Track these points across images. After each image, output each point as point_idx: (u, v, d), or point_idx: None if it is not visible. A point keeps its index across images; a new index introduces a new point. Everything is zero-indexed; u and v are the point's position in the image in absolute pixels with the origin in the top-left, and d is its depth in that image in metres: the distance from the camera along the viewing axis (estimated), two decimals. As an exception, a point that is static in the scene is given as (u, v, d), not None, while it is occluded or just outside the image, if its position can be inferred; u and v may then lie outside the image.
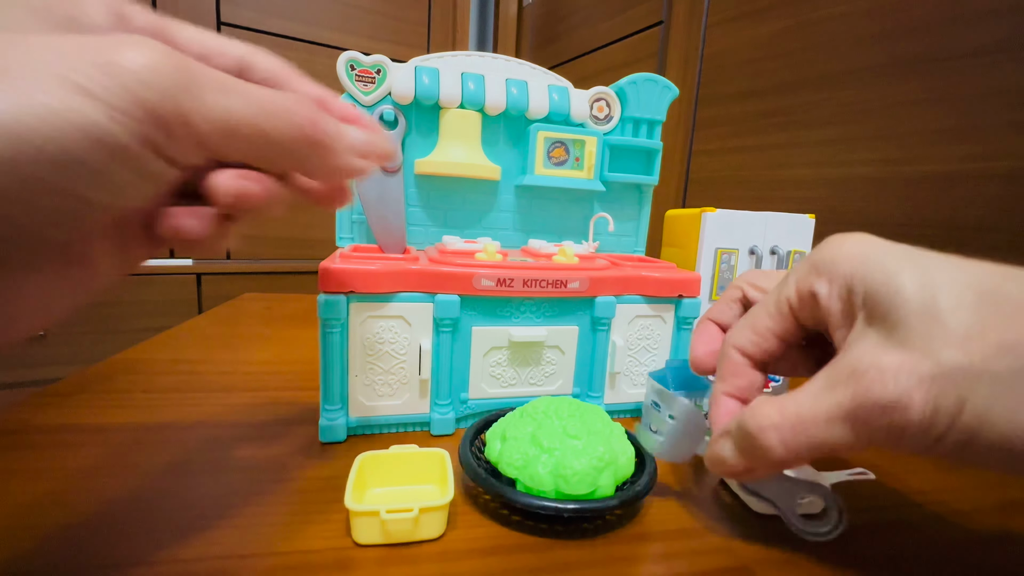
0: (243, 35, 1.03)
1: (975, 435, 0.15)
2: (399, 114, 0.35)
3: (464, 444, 0.26)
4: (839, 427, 0.17)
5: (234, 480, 0.25)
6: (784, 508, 0.23)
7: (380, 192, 0.36)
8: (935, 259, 0.17)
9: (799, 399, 0.18)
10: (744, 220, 0.38)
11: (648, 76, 0.39)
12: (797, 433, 0.18)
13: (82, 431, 0.29)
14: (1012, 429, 0.15)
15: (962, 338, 0.15)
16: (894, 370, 0.16)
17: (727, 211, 0.38)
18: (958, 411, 0.15)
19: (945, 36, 0.59)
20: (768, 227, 0.39)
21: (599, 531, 0.23)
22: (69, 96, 0.10)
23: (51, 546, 0.20)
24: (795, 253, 0.40)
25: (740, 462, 0.20)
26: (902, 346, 0.16)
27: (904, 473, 0.30)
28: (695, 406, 0.25)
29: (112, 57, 0.11)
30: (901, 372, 0.16)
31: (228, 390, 0.37)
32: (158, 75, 0.11)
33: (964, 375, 0.15)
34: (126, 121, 0.11)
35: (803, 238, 0.40)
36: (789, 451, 0.18)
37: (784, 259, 0.39)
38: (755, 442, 0.19)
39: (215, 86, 0.13)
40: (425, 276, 0.30)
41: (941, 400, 0.15)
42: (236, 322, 0.57)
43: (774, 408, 0.18)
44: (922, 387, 0.15)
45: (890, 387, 0.16)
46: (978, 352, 0.15)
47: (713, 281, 0.39)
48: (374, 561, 0.20)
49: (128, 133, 0.11)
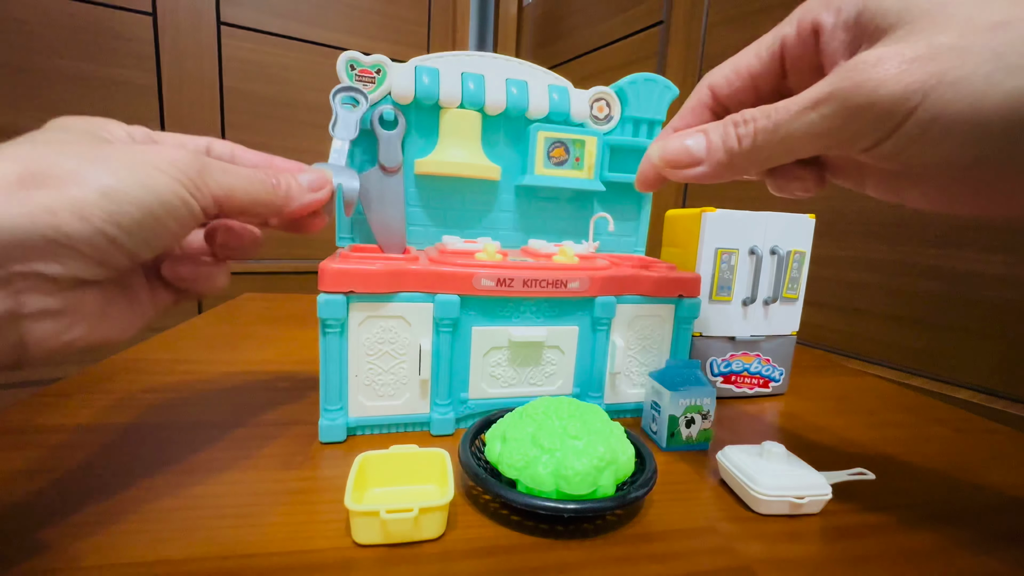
0: (243, 35, 1.03)
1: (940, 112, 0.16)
2: (399, 114, 0.35)
3: (464, 444, 0.26)
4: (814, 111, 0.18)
5: (234, 480, 0.25)
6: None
7: (380, 192, 0.36)
8: None
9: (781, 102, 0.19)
10: (744, 220, 0.38)
11: (648, 76, 0.39)
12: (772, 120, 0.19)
13: (82, 431, 0.29)
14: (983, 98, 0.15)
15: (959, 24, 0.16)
16: (880, 57, 0.16)
17: (727, 211, 0.38)
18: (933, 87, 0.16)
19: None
20: (768, 227, 0.39)
21: (599, 531, 0.23)
22: (158, 174, 0.19)
23: (51, 546, 0.20)
24: (795, 253, 0.40)
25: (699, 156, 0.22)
26: (899, 41, 0.17)
27: (904, 473, 0.30)
28: None
29: (167, 155, 0.20)
30: (886, 58, 0.16)
31: (228, 390, 0.37)
32: (191, 164, 0.20)
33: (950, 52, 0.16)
34: (183, 186, 0.20)
35: (803, 238, 0.40)
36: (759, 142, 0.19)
37: (784, 259, 0.39)
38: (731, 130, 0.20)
39: (219, 168, 0.21)
40: (425, 276, 0.30)
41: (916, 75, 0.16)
42: (236, 322, 0.57)
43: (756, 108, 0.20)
44: (902, 67, 0.16)
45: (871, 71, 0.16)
46: (969, 32, 0.16)
47: (713, 281, 0.39)
48: (374, 561, 0.20)
49: (185, 191, 0.20)
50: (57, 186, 0.16)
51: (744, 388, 0.41)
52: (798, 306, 0.41)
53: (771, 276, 0.40)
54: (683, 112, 0.24)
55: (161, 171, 0.19)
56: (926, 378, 0.61)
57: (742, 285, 0.40)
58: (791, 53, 0.21)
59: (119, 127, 0.23)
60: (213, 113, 1.03)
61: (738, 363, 0.41)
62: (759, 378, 0.41)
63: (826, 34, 0.19)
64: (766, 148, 0.20)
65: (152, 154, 0.19)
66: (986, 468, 0.32)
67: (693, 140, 0.22)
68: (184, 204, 0.20)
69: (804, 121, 0.18)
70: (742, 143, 0.20)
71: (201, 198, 0.20)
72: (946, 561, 0.22)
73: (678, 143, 0.22)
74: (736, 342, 0.40)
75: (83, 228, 0.17)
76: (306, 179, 0.26)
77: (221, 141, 0.26)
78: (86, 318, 0.19)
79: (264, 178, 0.23)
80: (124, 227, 0.18)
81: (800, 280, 0.41)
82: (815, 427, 0.37)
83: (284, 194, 0.24)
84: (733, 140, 0.21)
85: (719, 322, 0.40)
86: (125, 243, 0.18)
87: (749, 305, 0.40)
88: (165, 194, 0.19)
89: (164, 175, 0.19)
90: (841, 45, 0.19)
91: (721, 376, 0.41)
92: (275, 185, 0.24)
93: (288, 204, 0.25)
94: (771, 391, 0.42)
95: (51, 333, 0.18)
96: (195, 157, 0.20)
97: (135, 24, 0.95)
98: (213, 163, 0.21)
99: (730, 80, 0.23)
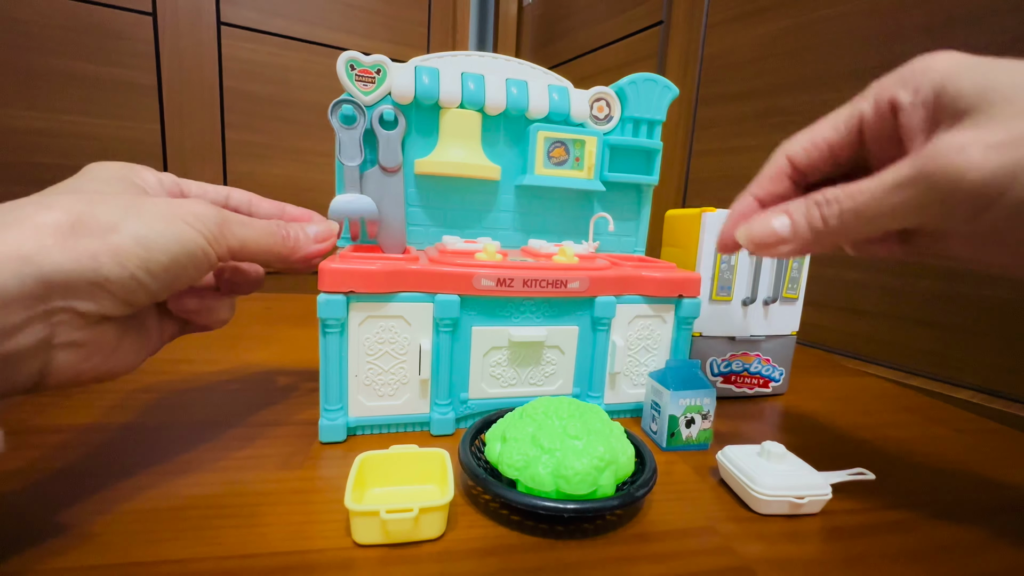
0: (243, 35, 1.03)
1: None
2: (399, 114, 0.35)
3: (464, 444, 0.26)
4: (899, 193, 0.18)
5: (234, 480, 0.25)
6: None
7: (380, 192, 0.36)
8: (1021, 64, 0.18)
9: (863, 181, 0.20)
10: None
11: (648, 76, 0.39)
12: (857, 202, 0.19)
13: (82, 431, 0.29)
14: None
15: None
16: (963, 142, 0.17)
17: (727, 211, 0.38)
18: (1021, 171, 0.16)
19: (945, 36, 0.59)
20: None
21: (599, 531, 0.23)
22: (184, 226, 0.21)
23: (51, 546, 0.20)
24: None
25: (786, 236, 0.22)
26: (979, 127, 0.17)
27: (904, 473, 0.30)
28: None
29: (193, 209, 0.22)
30: (969, 143, 0.17)
31: (228, 390, 0.37)
32: (213, 218, 0.22)
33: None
34: (204, 238, 0.22)
35: None
36: (846, 221, 0.20)
37: (784, 260, 0.39)
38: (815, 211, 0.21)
39: (237, 221, 0.24)
40: (425, 276, 0.30)
41: (1005, 161, 0.16)
42: (236, 322, 0.57)
43: (837, 187, 0.20)
44: (988, 152, 0.16)
45: (954, 155, 0.17)
46: None
47: (713, 281, 0.39)
48: (374, 561, 0.20)
49: (206, 242, 0.22)
50: (100, 235, 0.19)
51: (744, 388, 0.41)
52: (798, 306, 0.41)
53: (771, 276, 0.40)
54: (761, 179, 0.25)
55: (188, 224, 0.21)
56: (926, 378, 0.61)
57: (742, 285, 0.39)
58: (869, 126, 0.21)
59: (151, 174, 0.25)
60: (213, 113, 1.03)
61: (738, 363, 0.41)
62: (759, 378, 0.41)
63: (904, 112, 0.20)
64: (852, 227, 0.20)
65: (181, 207, 0.22)
66: (986, 468, 0.32)
67: (778, 222, 0.22)
68: (204, 254, 0.22)
69: (889, 202, 0.19)
70: (828, 224, 0.21)
71: (219, 248, 0.23)
72: (946, 561, 0.22)
73: (765, 225, 0.23)
74: (736, 342, 0.40)
75: (120, 272, 0.19)
76: (313, 231, 0.28)
77: (239, 191, 0.29)
78: (102, 350, 0.21)
79: (276, 230, 0.26)
80: (153, 272, 0.20)
81: (800, 280, 0.41)
82: (815, 427, 0.37)
83: (292, 245, 0.27)
84: (818, 221, 0.21)
85: (719, 322, 0.40)
86: (151, 286, 0.20)
87: (749, 305, 0.40)
88: (190, 244, 0.21)
89: (190, 228, 0.21)
90: (921, 122, 0.19)
91: (721, 376, 0.41)
92: (285, 237, 0.26)
93: (294, 254, 0.27)
94: (771, 391, 0.42)
95: (71, 363, 0.20)
96: (217, 212, 0.23)
97: (135, 24, 0.94)
98: (232, 217, 0.23)
99: (808, 151, 0.23)
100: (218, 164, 1.05)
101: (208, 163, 1.04)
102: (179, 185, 0.27)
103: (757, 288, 0.39)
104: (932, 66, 0.19)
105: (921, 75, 0.19)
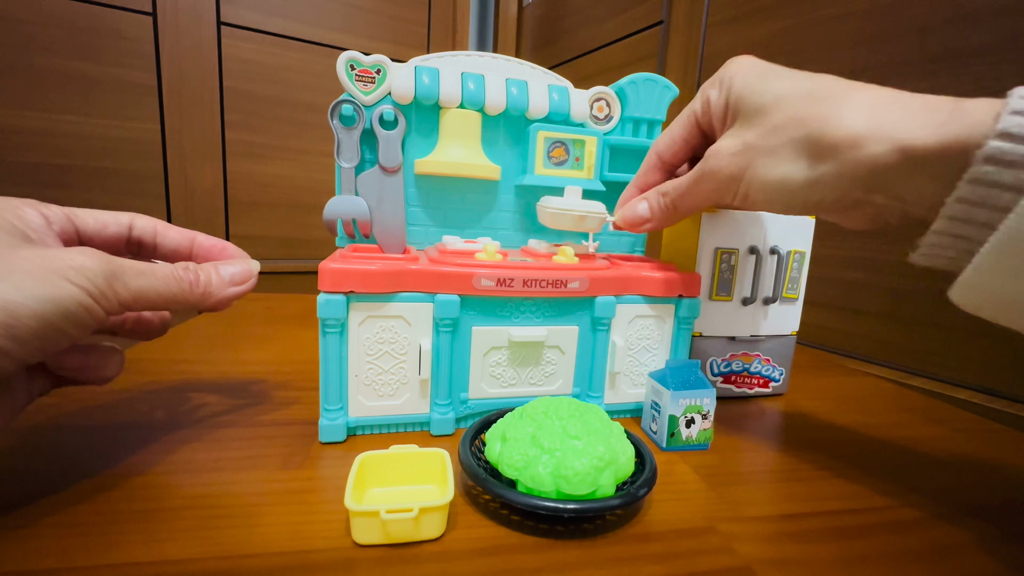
0: (243, 35, 1.03)
1: (750, 185, 0.25)
2: (399, 114, 0.35)
3: (464, 444, 0.26)
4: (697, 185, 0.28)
5: (234, 480, 0.25)
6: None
7: (380, 192, 0.36)
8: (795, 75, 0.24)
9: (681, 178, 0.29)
10: (744, 220, 0.38)
11: (648, 76, 0.39)
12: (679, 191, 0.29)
13: (82, 431, 0.29)
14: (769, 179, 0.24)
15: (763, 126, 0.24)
16: (718, 149, 0.26)
17: (727, 211, 0.38)
18: (745, 170, 0.25)
19: (945, 36, 0.59)
20: (768, 227, 0.39)
21: (599, 531, 0.23)
22: (61, 284, 0.19)
23: (51, 546, 0.20)
24: (795, 253, 0.40)
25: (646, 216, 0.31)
26: (733, 135, 0.25)
27: (904, 473, 0.30)
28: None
29: (73, 262, 0.19)
30: (721, 150, 0.26)
31: (228, 390, 0.37)
32: (99, 270, 0.20)
33: (751, 149, 0.24)
34: (88, 294, 0.19)
35: (803, 238, 0.40)
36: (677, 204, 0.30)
37: (785, 259, 0.39)
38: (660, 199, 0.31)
39: (132, 271, 0.21)
40: (425, 276, 0.30)
41: (738, 164, 0.25)
42: (236, 322, 0.57)
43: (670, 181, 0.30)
44: (729, 158, 0.25)
45: (713, 160, 0.26)
46: (762, 134, 0.24)
47: (713, 281, 0.39)
48: (374, 561, 0.20)
49: (89, 299, 0.19)
50: None
51: (744, 388, 0.41)
52: (798, 306, 0.41)
53: (771, 276, 0.40)
54: (640, 172, 0.33)
55: (67, 279, 0.19)
56: (926, 378, 0.61)
57: (742, 285, 0.39)
58: (700, 119, 0.29)
59: (35, 212, 0.22)
60: (213, 113, 1.03)
61: (738, 363, 0.41)
62: (759, 378, 0.41)
63: (713, 104, 0.27)
64: (682, 208, 0.30)
65: (59, 260, 0.19)
66: (986, 468, 0.32)
67: (641, 207, 0.32)
68: (87, 311, 0.19)
69: (693, 191, 0.28)
70: (667, 207, 0.30)
71: (107, 304, 0.20)
72: (946, 561, 0.22)
73: (632, 209, 0.32)
74: (736, 342, 0.40)
75: None
76: (228, 272, 0.25)
77: (144, 218, 0.26)
78: None
79: (182, 276, 0.23)
80: (20, 339, 0.18)
81: (800, 280, 0.41)
82: (815, 427, 0.37)
83: (202, 292, 0.24)
84: (662, 205, 0.31)
85: (719, 322, 0.40)
86: (17, 354, 0.18)
87: (749, 305, 0.40)
88: (67, 303, 0.19)
89: (69, 284, 0.19)
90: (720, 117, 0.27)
91: (721, 376, 0.40)
92: (193, 283, 0.24)
93: (205, 301, 0.24)
94: (771, 391, 0.42)
95: None
96: (105, 263, 0.20)
97: (135, 24, 0.95)
98: (125, 266, 0.21)
99: (668, 146, 0.31)
100: (218, 164, 1.05)
101: (208, 163, 1.04)
102: (71, 219, 0.23)
103: (757, 288, 0.39)
104: (732, 69, 0.26)
105: (723, 78, 0.26)
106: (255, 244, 1.10)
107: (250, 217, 1.09)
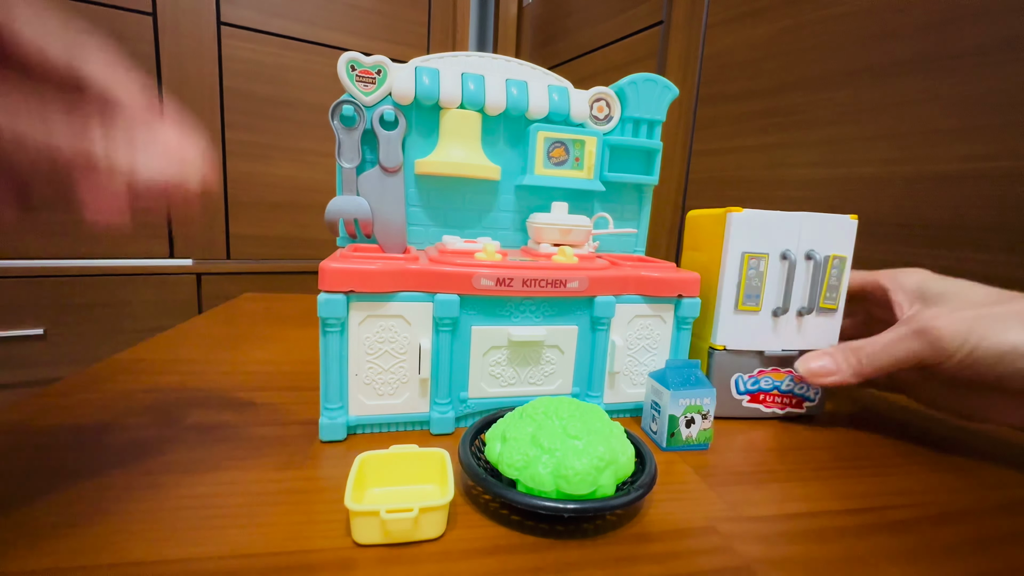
0: (243, 35, 1.03)
1: (975, 348, 0.29)
2: (399, 114, 0.35)
3: (464, 444, 0.26)
4: (901, 343, 0.31)
5: (234, 480, 0.25)
6: None
7: (380, 192, 0.36)
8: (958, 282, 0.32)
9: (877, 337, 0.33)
10: (775, 221, 0.34)
11: (648, 76, 0.39)
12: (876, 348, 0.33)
13: (82, 431, 0.29)
14: (996, 343, 0.28)
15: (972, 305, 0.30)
16: (937, 313, 0.31)
17: (755, 211, 0.34)
18: (968, 335, 0.29)
19: (945, 36, 0.59)
20: (803, 229, 0.34)
21: (599, 531, 0.23)
22: None
23: (50, 546, 0.20)
24: (834, 258, 0.35)
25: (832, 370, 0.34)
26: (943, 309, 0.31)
27: (903, 473, 0.30)
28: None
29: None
30: (942, 315, 0.30)
31: (228, 390, 0.37)
32: None
33: (972, 318, 0.29)
34: None
35: (844, 241, 0.35)
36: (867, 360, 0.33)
37: (822, 265, 0.35)
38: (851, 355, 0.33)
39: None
40: (425, 276, 0.30)
41: (959, 328, 0.29)
42: (236, 322, 0.57)
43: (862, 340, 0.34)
44: (952, 320, 0.30)
45: (934, 320, 0.30)
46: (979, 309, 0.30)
47: (739, 289, 0.35)
48: (374, 561, 0.20)
49: None
50: None
51: (774, 408, 0.37)
52: (837, 317, 0.36)
53: (806, 284, 0.35)
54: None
55: None
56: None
57: (772, 294, 0.35)
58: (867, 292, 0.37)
59: None
60: (213, 113, 1.03)
61: (767, 380, 0.36)
62: (791, 397, 0.37)
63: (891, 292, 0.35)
64: (869, 366, 0.33)
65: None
66: (986, 468, 0.32)
67: (825, 361, 0.34)
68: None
69: (894, 348, 0.32)
70: (856, 364, 0.33)
71: None
72: (946, 561, 0.22)
73: (817, 362, 0.34)
74: (765, 357, 0.36)
75: None
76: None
77: None
78: None
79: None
80: None
81: (840, 288, 0.36)
82: (815, 427, 0.36)
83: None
84: (851, 361, 0.33)
85: (745, 335, 0.36)
86: None
87: (780, 316, 0.36)
88: None
89: None
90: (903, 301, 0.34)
91: (748, 395, 0.36)
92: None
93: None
94: (805, 411, 0.37)
95: None
96: None
97: (135, 24, 0.95)
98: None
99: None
100: (218, 164, 1.05)
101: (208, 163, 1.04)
102: None
103: (790, 297, 0.35)
104: (912, 274, 0.34)
105: (904, 276, 0.34)
106: (255, 244, 1.10)
107: (250, 217, 1.09)
